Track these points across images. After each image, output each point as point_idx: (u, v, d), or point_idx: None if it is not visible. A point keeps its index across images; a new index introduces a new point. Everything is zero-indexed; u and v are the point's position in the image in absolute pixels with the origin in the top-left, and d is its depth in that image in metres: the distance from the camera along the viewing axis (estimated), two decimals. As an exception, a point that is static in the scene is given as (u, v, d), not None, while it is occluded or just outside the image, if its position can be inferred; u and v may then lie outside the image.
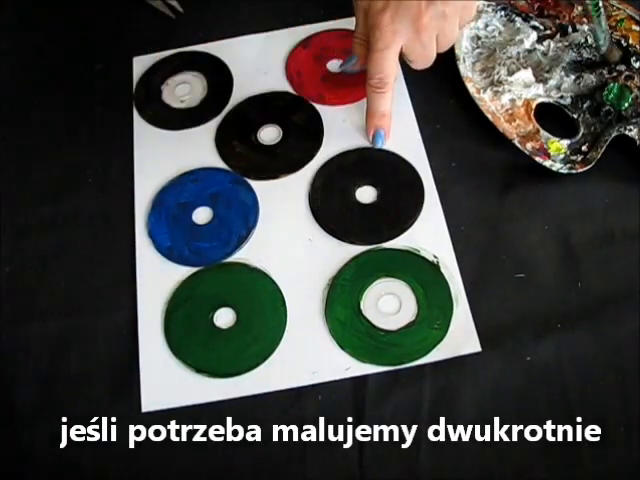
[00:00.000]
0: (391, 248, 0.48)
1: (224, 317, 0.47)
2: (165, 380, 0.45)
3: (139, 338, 0.46)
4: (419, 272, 0.47)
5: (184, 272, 0.49)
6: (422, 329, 0.45)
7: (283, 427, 0.43)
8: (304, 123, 0.55)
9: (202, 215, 0.51)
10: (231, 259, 0.49)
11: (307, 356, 0.45)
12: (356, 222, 0.50)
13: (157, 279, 0.48)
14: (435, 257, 0.47)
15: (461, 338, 0.44)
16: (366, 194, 0.51)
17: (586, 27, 0.55)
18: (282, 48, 0.60)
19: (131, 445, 0.43)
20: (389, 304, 0.46)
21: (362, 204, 0.51)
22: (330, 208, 0.51)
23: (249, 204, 0.51)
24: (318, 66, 0.59)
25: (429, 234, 0.49)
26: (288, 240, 0.50)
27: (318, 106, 0.56)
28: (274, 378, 0.44)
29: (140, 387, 0.44)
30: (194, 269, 0.49)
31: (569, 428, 0.41)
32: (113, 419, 0.44)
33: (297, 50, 0.60)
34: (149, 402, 0.44)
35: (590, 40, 0.55)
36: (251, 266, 0.48)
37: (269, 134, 0.55)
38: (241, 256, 0.49)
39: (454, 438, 0.41)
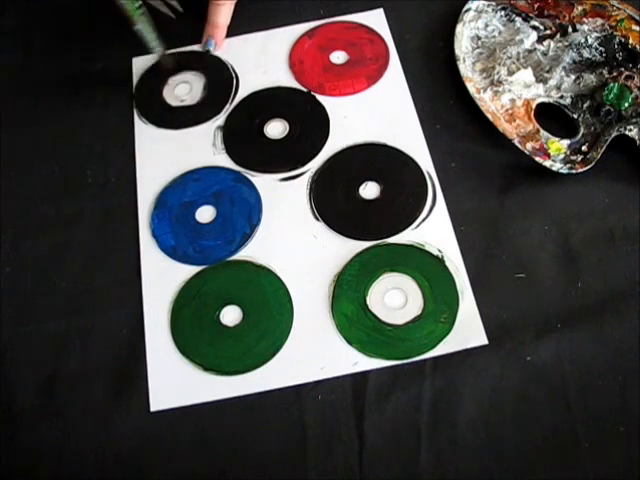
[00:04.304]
0: (396, 243, 0.48)
1: (231, 315, 0.47)
2: (173, 379, 0.45)
3: (146, 338, 0.46)
4: (424, 266, 0.47)
5: (189, 271, 0.49)
6: (429, 323, 0.45)
7: (283, 427, 0.43)
8: (310, 116, 0.56)
9: (205, 214, 0.51)
10: (236, 257, 0.49)
11: (315, 352, 0.45)
12: (360, 218, 0.50)
13: (162, 279, 0.49)
14: (440, 251, 0.48)
15: (468, 331, 0.45)
16: (370, 190, 0.51)
17: (585, 27, 0.55)
18: (283, 45, 0.60)
19: (132, 445, 0.43)
20: (395, 299, 0.46)
21: (366, 200, 0.51)
22: (334, 204, 0.51)
23: (252, 202, 0.51)
24: (321, 56, 0.59)
25: (433, 229, 0.49)
26: (292, 237, 0.50)
27: (323, 99, 0.56)
28: (282, 374, 0.44)
29: (142, 386, 0.45)
30: (199, 268, 0.49)
31: (569, 428, 0.41)
32: (114, 419, 0.44)
33: (302, 39, 0.60)
34: (157, 401, 0.44)
35: (590, 40, 0.55)
36: (256, 263, 0.49)
37: (275, 128, 0.55)
38: (246, 254, 0.49)
39: (454, 438, 0.41)
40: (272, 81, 0.58)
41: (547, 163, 0.50)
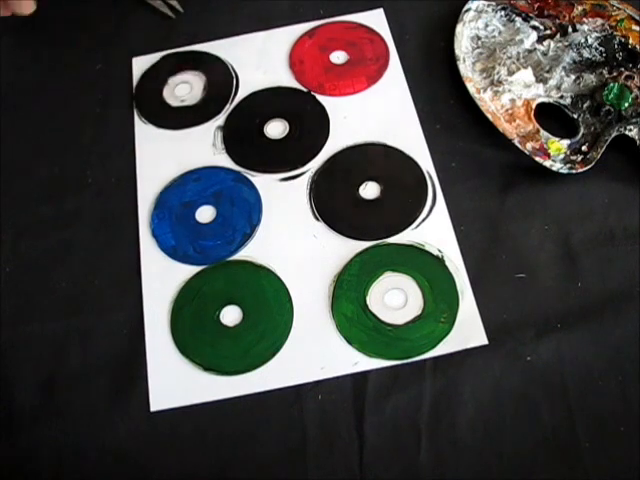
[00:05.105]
0: (396, 243, 0.48)
1: (231, 315, 0.47)
2: (173, 379, 0.45)
3: (146, 338, 0.46)
4: (424, 266, 0.47)
5: (189, 271, 0.49)
6: (429, 323, 0.45)
7: (283, 427, 0.43)
8: (310, 116, 0.56)
9: (205, 214, 0.51)
10: (236, 257, 0.49)
11: (315, 352, 0.45)
12: (360, 218, 0.50)
13: (162, 279, 0.49)
14: (440, 251, 0.48)
15: (468, 331, 0.45)
16: (370, 190, 0.51)
17: (585, 27, 0.55)
18: (283, 45, 0.60)
19: (132, 445, 0.43)
20: (395, 299, 0.46)
21: (366, 200, 0.51)
22: (334, 204, 0.51)
23: (252, 201, 0.51)
24: (321, 56, 0.59)
25: (433, 229, 0.49)
26: (293, 237, 0.50)
27: (323, 99, 0.56)
28: (282, 374, 0.44)
29: (142, 386, 0.45)
30: (199, 268, 0.49)
31: (569, 428, 0.41)
32: (114, 419, 0.44)
33: (302, 39, 0.60)
34: (157, 401, 0.44)
35: (590, 40, 0.55)
36: (256, 263, 0.49)
37: (275, 128, 0.55)
38: (246, 254, 0.49)
39: (454, 438, 0.41)
40: (272, 81, 0.58)
41: (547, 163, 0.50)
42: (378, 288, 0.47)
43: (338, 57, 0.59)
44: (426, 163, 0.52)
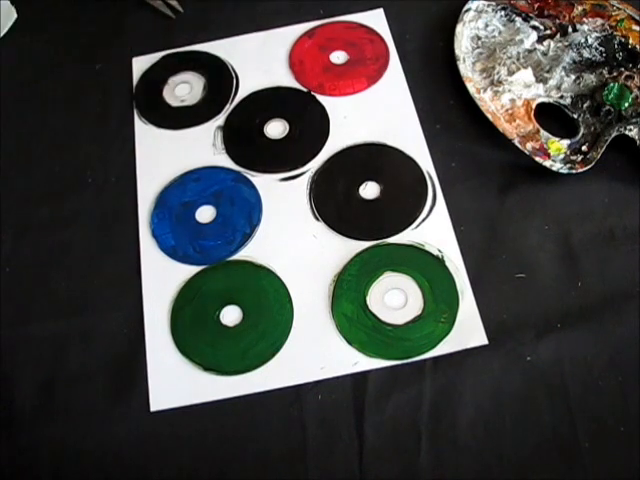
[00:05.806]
0: (395, 243, 0.48)
1: (231, 315, 0.47)
2: (173, 379, 0.45)
3: (146, 338, 0.46)
4: (424, 266, 0.47)
5: (189, 271, 0.49)
6: (429, 323, 0.45)
7: (283, 427, 0.43)
8: (310, 116, 0.56)
9: (205, 214, 0.52)
10: (236, 257, 0.49)
11: (315, 352, 0.45)
12: (360, 218, 0.50)
13: (162, 279, 0.49)
14: (440, 251, 0.48)
15: (468, 331, 0.45)
16: (370, 190, 0.51)
17: (585, 27, 0.55)
18: (283, 45, 0.60)
19: (132, 445, 0.43)
20: (395, 299, 0.46)
21: (366, 200, 0.51)
22: (334, 204, 0.51)
23: (252, 201, 0.52)
24: (321, 56, 0.59)
25: (433, 229, 0.49)
26: (292, 237, 0.50)
27: (323, 99, 0.56)
28: (282, 374, 0.44)
29: (142, 386, 0.45)
30: (199, 268, 0.49)
31: (569, 428, 0.41)
32: (114, 419, 0.44)
33: (302, 39, 0.60)
34: (157, 401, 0.44)
35: (590, 40, 0.55)
36: (256, 263, 0.49)
37: (275, 128, 0.55)
38: (246, 254, 0.49)
39: (454, 438, 0.41)
40: (272, 81, 0.58)
41: (547, 163, 0.50)
42: (378, 288, 0.47)
43: (338, 57, 0.59)
44: (426, 163, 0.52)
